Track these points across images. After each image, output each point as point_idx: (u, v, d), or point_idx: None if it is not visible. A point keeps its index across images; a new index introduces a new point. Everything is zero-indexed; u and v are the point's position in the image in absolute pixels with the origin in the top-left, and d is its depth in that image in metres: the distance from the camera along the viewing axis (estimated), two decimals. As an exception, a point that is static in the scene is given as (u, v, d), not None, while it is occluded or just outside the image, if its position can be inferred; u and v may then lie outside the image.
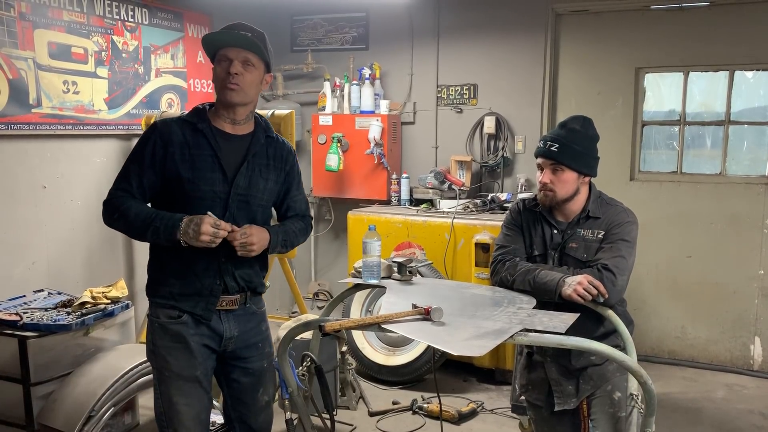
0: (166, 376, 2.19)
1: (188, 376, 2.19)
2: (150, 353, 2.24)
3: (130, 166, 2.17)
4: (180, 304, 2.17)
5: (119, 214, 2.12)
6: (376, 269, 2.47)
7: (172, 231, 2.07)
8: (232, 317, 2.25)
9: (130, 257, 4.30)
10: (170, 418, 2.19)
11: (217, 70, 2.16)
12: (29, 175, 3.64)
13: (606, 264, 2.26)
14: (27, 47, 3.53)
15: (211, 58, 2.20)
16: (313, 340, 2.62)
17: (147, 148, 2.14)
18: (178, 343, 2.18)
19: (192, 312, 2.18)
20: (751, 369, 4.46)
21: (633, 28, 4.51)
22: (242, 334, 2.28)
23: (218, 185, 2.17)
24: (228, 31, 2.17)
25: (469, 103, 4.91)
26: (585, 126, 2.39)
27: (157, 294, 2.22)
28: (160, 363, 2.20)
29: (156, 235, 2.10)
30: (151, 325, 2.22)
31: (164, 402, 2.20)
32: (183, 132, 2.16)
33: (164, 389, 2.20)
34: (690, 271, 4.55)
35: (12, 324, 2.92)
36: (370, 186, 4.93)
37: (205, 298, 2.18)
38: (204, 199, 2.15)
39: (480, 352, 1.72)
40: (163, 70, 4.46)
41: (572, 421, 2.45)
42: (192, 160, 2.14)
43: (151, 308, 2.23)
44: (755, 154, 4.43)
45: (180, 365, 2.18)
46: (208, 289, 2.18)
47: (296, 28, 5.40)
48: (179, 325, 2.17)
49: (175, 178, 2.13)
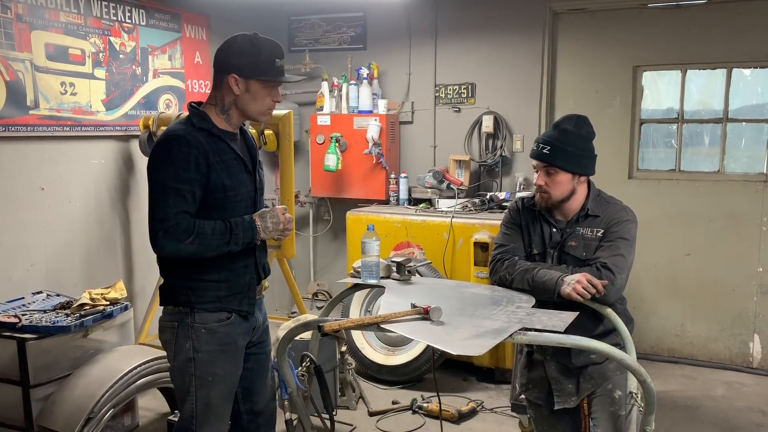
0: (209, 381, 2.21)
1: (233, 379, 2.27)
2: (188, 361, 2.20)
3: (178, 186, 2.08)
4: (227, 305, 2.23)
5: (195, 236, 2.08)
6: (375, 269, 2.47)
7: (252, 233, 2.17)
8: (261, 305, 2.40)
9: (128, 259, 4.30)
10: (202, 422, 2.22)
11: (261, 95, 2.19)
12: (27, 177, 3.63)
13: (605, 262, 2.26)
14: (24, 49, 3.52)
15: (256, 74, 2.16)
16: (313, 341, 2.62)
17: (190, 164, 2.08)
18: (227, 345, 2.23)
19: (239, 310, 2.25)
20: (750, 366, 4.47)
21: (630, 26, 4.51)
22: (264, 320, 2.42)
23: (249, 185, 2.27)
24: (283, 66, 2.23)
25: (467, 103, 4.91)
26: (578, 125, 2.38)
27: (203, 300, 2.20)
28: (203, 369, 2.20)
29: (236, 242, 2.16)
30: (193, 332, 2.19)
31: (199, 406, 2.21)
32: (206, 141, 2.15)
33: (202, 394, 2.21)
34: (689, 269, 4.56)
35: (11, 326, 2.92)
36: (368, 186, 4.93)
37: (247, 293, 2.27)
38: (241, 201, 2.23)
39: (479, 351, 1.72)
40: (161, 71, 4.45)
41: (572, 420, 2.46)
42: (227, 167, 2.18)
43: (193, 316, 2.19)
44: (753, 152, 4.43)
45: (228, 369, 2.24)
46: (248, 284, 2.27)
47: (294, 28, 5.40)
48: (228, 327, 2.23)
49: (219, 187, 2.15)
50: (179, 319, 2.21)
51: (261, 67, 2.16)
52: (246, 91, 2.17)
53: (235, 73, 2.14)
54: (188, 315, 2.20)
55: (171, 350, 2.24)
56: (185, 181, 2.09)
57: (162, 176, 2.10)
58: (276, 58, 2.18)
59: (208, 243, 2.11)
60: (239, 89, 2.16)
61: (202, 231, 2.09)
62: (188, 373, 2.21)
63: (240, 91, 2.16)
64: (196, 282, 2.20)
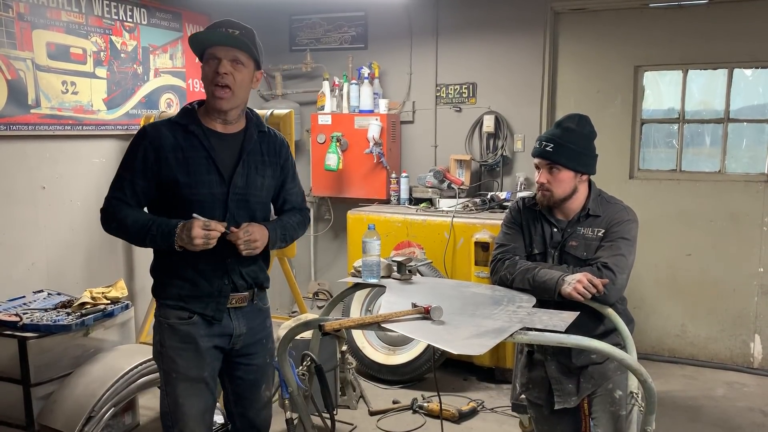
0: (174, 377, 2.19)
1: (196, 377, 2.19)
2: (157, 354, 2.23)
3: (122, 174, 2.14)
4: (190, 306, 2.17)
5: (116, 223, 2.13)
6: (376, 268, 2.47)
7: (168, 238, 2.06)
8: (241, 314, 2.26)
9: (129, 258, 4.30)
10: (176, 418, 2.20)
11: (205, 69, 2.12)
12: (28, 176, 3.63)
13: (606, 262, 2.26)
14: (25, 48, 3.53)
15: (199, 57, 2.16)
16: (313, 340, 2.62)
17: (138, 154, 2.11)
18: (187, 344, 2.18)
19: (203, 313, 2.18)
20: (751, 367, 4.46)
21: (632, 26, 4.50)
22: (249, 331, 2.29)
23: (215, 187, 2.15)
24: (215, 30, 2.12)
25: (468, 102, 4.91)
26: (581, 124, 2.38)
27: (166, 296, 2.20)
28: (167, 364, 2.19)
29: (154, 242, 2.10)
30: (159, 326, 2.21)
31: (170, 402, 2.20)
32: (174, 135, 2.12)
33: (171, 390, 2.19)
34: (690, 269, 4.55)
35: (12, 325, 2.92)
36: (369, 185, 4.93)
37: (215, 299, 2.19)
38: (203, 201, 2.13)
39: (480, 350, 1.72)
40: (162, 70, 4.45)
41: (573, 420, 2.46)
42: (186, 163, 2.11)
43: (159, 309, 2.22)
44: (754, 152, 4.43)
45: (188, 366, 2.18)
46: (218, 290, 2.19)
47: (295, 28, 5.40)
48: (189, 326, 2.17)
49: (171, 182, 2.11)
50: (156, 312, 2.24)
51: (201, 36, 2.12)
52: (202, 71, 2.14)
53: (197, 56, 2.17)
54: (158, 309, 2.23)
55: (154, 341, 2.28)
56: (127, 169, 2.13)
57: (122, 162, 2.17)
58: (220, 28, 2.10)
59: (128, 232, 2.13)
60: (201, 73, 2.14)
61: (123, 221, 2.11)
62: (159, 367, 2.25)
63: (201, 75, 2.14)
64: (163, 276, 2.21)
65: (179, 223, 2.06)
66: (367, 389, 4.03)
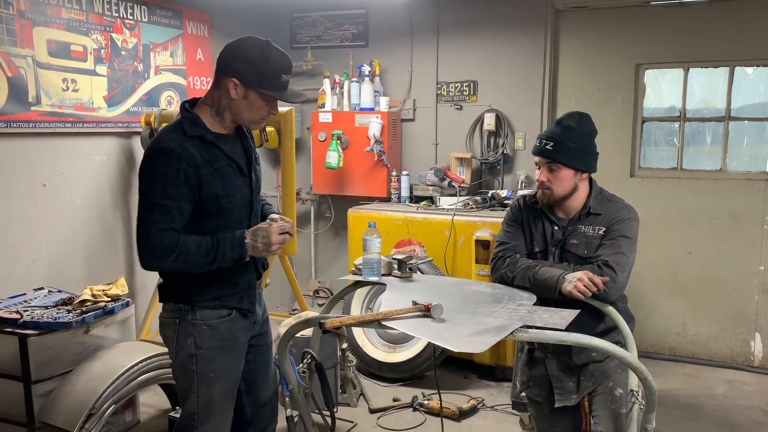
0: (211, 377, 2.21)
1: (234, 375, 2.27)
2: (189, 357, 2.19)
3: (165, 203, 2.04)
4: (228, 303, 2.23)
5: (177, 254, 2.05)
6: (376, 266, 2.47)
7: (240, 250, 2.11)
8: (259, 299, 2.39)
9: (130, 255, 4.30)
10: (204, 419, 2.22)
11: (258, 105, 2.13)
12: (29, 173, 3.63)
13: (606, 260, 2.26)
14: (26, 45, 3.52)
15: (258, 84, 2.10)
16: (314, 338, 2.62)
17: (179, 179, 2.04)
18: (228, 341, 2.23)
19: (239, 308, 2.25)
20: (751, 365, 4.46)
21: (633, 24, 4.50)
22: (264, 312, 2.43)
23: (244, 189, 2.23)
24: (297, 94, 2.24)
25: (469, 100, 4.91)
26: (581, 122, 2.38)
27: (202, 298, 2.19)
28: (204, 366, 2.19)
29: (223, 259, 2.10)
30: (195, 329, 2.18)
31: (200, 403, 2.21)
32: (198, 150, 2.09)
33: (204, 391, 2.20)
34: (690, 267, 4.55)
35: (12, 322, 2.92)
36: (370, 183, 4.93)
37: (246, 292, 2.27)
38: (236, 207, 2.20)
39: (480, 348, 1.72)
40: (163, 68, 4.45)
41: (573, 418, 2.46)
42: (219, 174, 2.12)
43: (194, 312, 2.19)
44: (755, 150, 4.43)
45: (229, 365, 2.24)
46: (248, 283, 2.28)
47: (296, 26, 5.39)
48: (229, 323, 2.23)
49: (213, 198, 2.11)
50: (180, 316, 2.20)
51: (264, 80, 2.09)
52: (244, 99, 2.11)
53: (236, 79, 2.08)
54: (189, 312, 2.19)
55: (172, 346, 2.24)
56: (172, 197, 2.05)
57: (150, 190, 2.07)
58: (282, 73, 2.11)
59: (192, 261, 2.07)
60: (237, 95, 2.10)
61: (185, 249, 2.05)
62: (189, 370, 2.20)
63: (237, 97, 2.10)
64: (196, 281, 2.18)
65: (245, 234, 2.12)
66: (367, 387, 4.04)
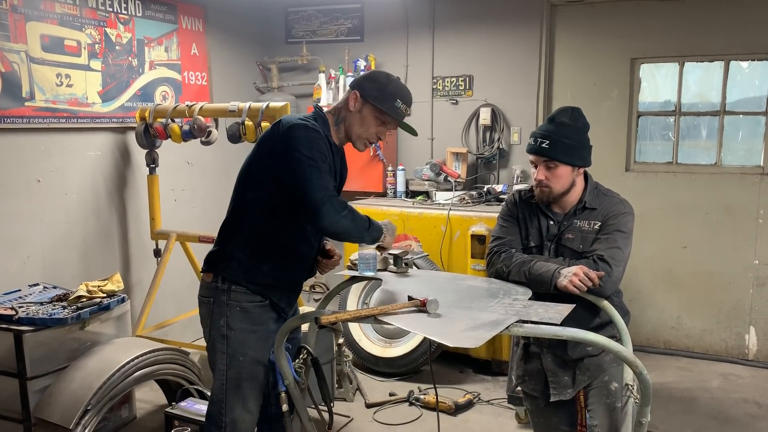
0: (240, 360, 2.26)
1: (262, 359, 2.30)
2: (221, 337, 2.27)
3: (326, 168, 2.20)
4: (267, 293, 2.29)
5: (348, 210, 2.19)
6: (372, 262, 2.47)
7: (379, 235, 2.30)
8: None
9: (125, 251, 4.29)
10: (232, 405, 2.26)
11: (370, 122, 2.30)
12: (23, 169, 3.62)
13: (602, 255, 2.26)
14: (19, 40, 3.50)
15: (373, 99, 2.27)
16: (310, 333, 2.62)
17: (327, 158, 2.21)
18: (257, 325, 2.28)
19: (277, 303, 2.31)
20: (745, 358, 4.49)
21: (628, 18, 4.50)
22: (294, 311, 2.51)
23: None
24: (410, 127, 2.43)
25: (465, 95, 4.91)
26: (574, 118, 2.37)
27: (246, 280, 2.26)
28: (234, 347, 2.26)
29: (373, 231, 2.28)
30: (228, 309, 2.26)
31: (229, 388, 2.26)
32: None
33: (233, 374, 2.26)
34: (685, 261, 4.57)
35: (7, 318, 2.92)
36: (365, 178, 4.92)
37: (288, 292, 2.36)
38: None
39: (476, 343, 1.72)
40: (157, 63, 4.43)
41: (568, 412, 2.46)
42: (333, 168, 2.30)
43: (229, 294, 2.26)
44: (750, 145, 4.44)
45: (258, 349, 2.29)
46: (295, 284, 2.39)
47: (291, 20, 5.37)
48: (261, 309, 2.28)
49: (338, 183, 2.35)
50: (215, 296, 2.28)
51: (381, 96, 2.27)
52: (358, 111, 2.29)
53: (357, 91, 2.28)
54: (225, 292, 2.26)
55: (206, 326, 2.31)
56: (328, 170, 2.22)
57: (313, 155, 2.16)
58: (399, 98, 2.28)
59: (356, 220, 2.21)
60: (354, 107, 2.29)
61: (351, 208, 2.19)
62: (220, 351, 2.28)
63: (354, 109, 2.29)
64: (251, 260, 2.26)
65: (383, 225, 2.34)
66: (363, 382, 4.04)
